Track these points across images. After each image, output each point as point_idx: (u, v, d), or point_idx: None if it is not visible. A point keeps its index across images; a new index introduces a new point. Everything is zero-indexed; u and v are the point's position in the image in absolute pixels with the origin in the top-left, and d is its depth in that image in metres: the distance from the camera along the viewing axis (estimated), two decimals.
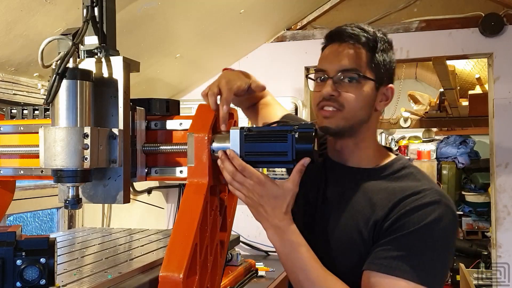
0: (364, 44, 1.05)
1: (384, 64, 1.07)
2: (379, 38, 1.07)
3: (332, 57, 1.07)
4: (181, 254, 0.79)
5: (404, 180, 1.04)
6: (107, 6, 0.90)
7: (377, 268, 0.93)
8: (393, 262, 0.92)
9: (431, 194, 0.97)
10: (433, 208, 0.95)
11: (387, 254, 0.94)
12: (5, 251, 0.71)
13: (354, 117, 1.05)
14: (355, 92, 1.04)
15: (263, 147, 0.91)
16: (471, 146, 5.03)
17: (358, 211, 1.03)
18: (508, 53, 2.29)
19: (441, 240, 0.95)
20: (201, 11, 1.89)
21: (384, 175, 1.06)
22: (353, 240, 1.01)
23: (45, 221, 1.92)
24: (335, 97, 1.04)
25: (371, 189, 1.05)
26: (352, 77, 1.04)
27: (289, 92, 2.52)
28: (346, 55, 1.05)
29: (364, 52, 1.05)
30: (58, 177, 0.80)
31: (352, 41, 1.05)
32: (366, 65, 1.05)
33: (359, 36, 1.05)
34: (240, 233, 2.15)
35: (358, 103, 1.04)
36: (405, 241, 0.94)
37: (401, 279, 0.91)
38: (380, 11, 2.49)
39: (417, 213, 0.95)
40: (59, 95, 0.79)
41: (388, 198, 1.00)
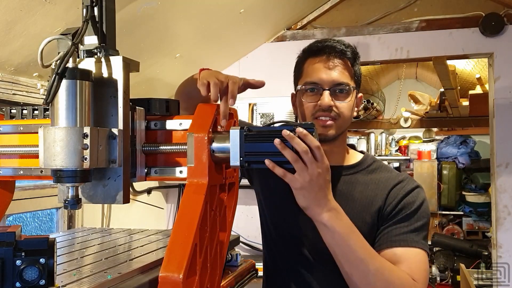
0: (349, 58, 1.19)
1: (359, 74, 1.24)
2: (357, 52, 1.21)
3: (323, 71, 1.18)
4: (181, 254, 0.78)
5: (377, 172, 1.23)
6: (106, 6, 0.89)
7: (399, 244, 1.11)
8: (408, 236, 1.12)
9: (410, 181, 1.21)
10: (418, 191, 1.18)
11: (399, 231, 1.13)
12: (5, 251, 0.71)
13: (346, 124, 1.21)
14: (348, 103, 1.18)
15: (263, 147, 0.90)
16: (471, 146, 5.03)
17: (357, 203, 1.18)
18: (508, 53, 2.29)
19: (428, 214, 1.18)
20: (201, 11, 1.89)
21: (362, 169, 1.24)
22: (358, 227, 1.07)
23: (45, 221, 1.92)
24: (332, 108, 1.16)
25: (359, 182, 1.21)
26: (344, 89, 1.17)
27: (289, 92, 2.51)
28: (338, 70, 1.18)
29: (349, 65, 1.19)
30: (58, 177, 0.80)
31: (339, 56, 1.18)
32: (351, 76, 1.20)
33: (346, 51, 1.18)
34: (240, 233, 2.15)
35: (349, 112, 1.19)
36: (409, 219, 1.14)
37: (418, 248, 1.11)
38: (380, 11, 2.49)
39: (408, 196, 1.16)
40: (59, 95, 0.79)
41: (379, 188, 1.19)
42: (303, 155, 0.90)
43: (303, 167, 0.91)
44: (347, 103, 1.17)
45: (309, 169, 0.92)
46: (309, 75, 1.20)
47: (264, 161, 0.92)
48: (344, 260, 1.03)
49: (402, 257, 1.10)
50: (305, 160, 0.91)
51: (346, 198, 1.18)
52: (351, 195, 1.19)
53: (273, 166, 0.91)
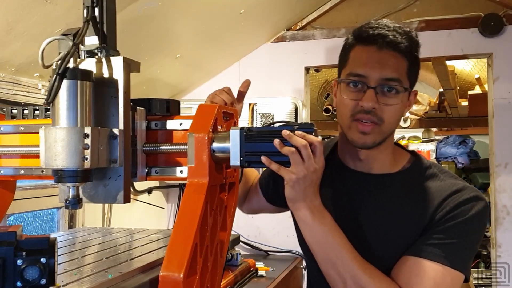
0: (403, 52, 1.00)
1: (415, 71, 1.04)
2: (415, 43, 1.02)
3: (373, 63, 1.00)
4: (181, 253, 0.79)
5: (432, 180, 1.06)
6: (107, 7, 0.90)
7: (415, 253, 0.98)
8: (432, 249, 0.97)
9: (469, 191, 1.03)
10: (474, 204, 1.01)
11: (427, 242, 0.98)
12: (6, 250, 0.71)
13: (391, 130, 1.04)
14: (396, 105, 1.00)
15: (263, 147, 0.91)
16: (470, 146, 5.02)
17: (401, 217, 1.04)
18: (507, 53, 2.29)
19: (477, 233, 1.02)
20: (201, 11, 1.89)
21: (412, 177, 1.07)
22: (402, 245, 1.01)
23: (46, 221, 1.92)
24: (375, 110, 0.99)
25: (404, 192, 1.05)
26: (393, 88, 0.99)
27: (289, 92, 2.52)
28: (389, 64, 0.99)
29: (404, 60, 1.01)
30: (59, 177, 0.80)
31: (392, 48, 0.99)
32: (406, 74, 1.01)
33: (400, 43, 1.00)
34: (240, 233, 2.15)
35: (396, 116, 1.02)
36: (447, 232, 0.99)
37: (436, 262, 0.96)
38: (380, 11, 2.49)
39: (460, 208, 1.00)
40: (60, 95, 0.80)
41: (427, 199, 1.03)
42: (301, 149, 0.89)
43: (300, 161, 0.90)
44: (395, 105, 1.00)
45: (305, 163, 0.90)
46: (354, 65, 1.02)
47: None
48: (322, 258, 0.98)
49: (408, 267, 0.97)
50: (303, 154, 0.90)
51: (389, 210, 1.05)
52: (395, 206, 1.05)
53: (270, 163, 0.90)
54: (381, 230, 1.05)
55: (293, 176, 0.92)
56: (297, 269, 2.33)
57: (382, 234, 1.05)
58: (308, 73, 2.61)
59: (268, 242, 2.51)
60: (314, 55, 2.53)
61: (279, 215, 2.55)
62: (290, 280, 2.13)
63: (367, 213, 1.07)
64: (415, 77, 1.06)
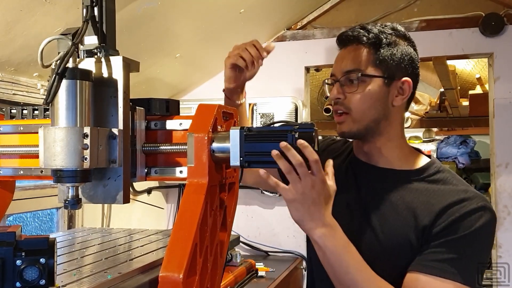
0: (365, 43, 1.06)
1: (392, 58, 1.05)
2: (382, 32, 1.06)
3: (337, 61, 1.10)
4: (181, 254, 0.78)
5: (441, 184, 1.04)
6: (107, 6, 0.89)
7: (426, 270, 0.96)
8: (442, 265, 0.95)
9: (477, 200, 1.00)
10: (480, 214, 0.98)
11: (436, 257, 0.96)
12: (5, 251, 0.71)
13: (364, 117, 1.05)
14: (360, 93, 1.04)
15: (263, 147, 0.90)
16: (471, 146, 5.03)
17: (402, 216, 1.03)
18: (508, 53, 2.29)
19: (486, 245, 1.00)
20: (201, 11, 1.89)
21: (420, 177, 1.06)
22: (400, 245, 1.01)
23: (45, 221, 1.91)
24: (342, 100, 1.06)
25: (410, 192, 1.05)
26: (354, 78, 1.05)
27: (289, 92, 2.52)
28: (348, 57, 1.07)
29: (366, 50, 1.06)
30: (58, 177, 0.80)
31: (354, 43, 1.08)
32: (370, 63, 1.05)
33: (359, 36, 1.07)
34: (240, 233, 2.15)
35: (364, 103, 1.05)
36: (454, 245, 0.96)
37: (449, 280, 0.94)
38: (380, 11, 2.49)
39: (466, 219, 0.97)
40: (59, 95, 0.79)
41: (431, 202, 1.01)
42: (297, 167, 0.88)
43: (296, 179, 0.89)
44: (359, 93, 1.04)
45: (302, 182, 0.89)
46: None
47: (264, 161, 0.92)
48: (337, 281, 0.97)
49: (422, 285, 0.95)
50: (299, 172, 0.89)
51: (391, 208, 1.05)
52: (397, 205, 1.04)
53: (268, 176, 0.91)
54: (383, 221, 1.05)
55: (290, 195, 0.91)
56: (297, 270, 2.33)
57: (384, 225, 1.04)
58: (308, 73, 2.61)
59: (268, 242, 2.51)
60: (314, 54, 2.53)
61: (279, 216, 2.56)
62: (290, 281, 2.13)
63: (373, 204, 1.08)
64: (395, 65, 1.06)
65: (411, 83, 1.07)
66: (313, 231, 0.94)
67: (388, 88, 1.06)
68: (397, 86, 1.06)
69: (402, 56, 1.07)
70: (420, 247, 1.00)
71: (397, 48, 1.06)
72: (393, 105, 1.07)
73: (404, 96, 1.08)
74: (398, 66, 1.06)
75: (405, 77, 1.07)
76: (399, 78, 1.06)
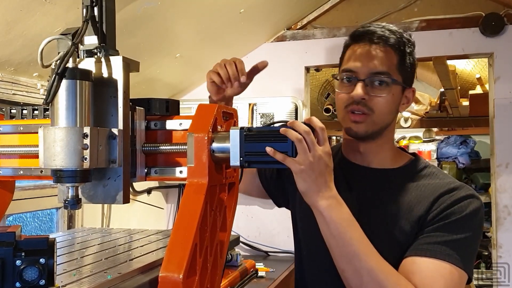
0: (393, 46, 1.06)
1: (410, 66, 1.08)
2: (407, 40, 1.07)
3: (362, 58, 1.06)
4: (181, 254, 0.78)
5: (429, 178, 1.09)
6: (106, 6, 0.89)
7: (421, 253, 0.99)
8: (437, 247, 0.98)
9: (465, 189, 1.06)
10: (470, 201, 1.03)
11: (430, 240, 1.00)
12: (5, 251, 0.71)
13: (383, 121, 1.07)
14: (386, 97, 1.05)
15: (263, 147, 0.90)
16: (471, 146, 5.02)
17: (396, 210, 1.06)
18: (508, 53, 2.29)
19: (477, 229, 1.03)
20: (201, 11, 1.89)
21: (410, 174, 1.10)
22: (397, 238, 1.03)
23: (45, 221, 1.91)
24: (365, 101, 1.05)
25: (401, 188, 1.08)
26: (383, 81, 1.04)
27: (289, 92, 2.52)
28: (377, 57, 1.05)
29: (393, 54, 1.06)
30: (58, 177, 0.80)
31: (382, 43, 1.05)
32: (396, 68, 1.06)
33: (389, 38, 1.05)
34: (240, 233, 2.15)
35: (387, 108, 1.06)
36: (447, 229, 1.00)
37: (444, 261, 0.97)
38: (380, 11, 2.49)
39: (457, 205, 1.02)
40: (59, 95, 0.79)
41: (423, 195, 1.05)
42: (305, 135, 0.88)
43: (305, 149, 0.88)
44: (385, 97, 1.05)
45: (311, 151, 0.89)
46: (347, 62, 1.10)
47: (264, 161, 0.92)
48: (338, 253, 0.96)
49: (418, 267, 0.97)
50: (307, 141, 0.89)
51: (385, 204, 1.08)
52: (391, 200, 1.07)
53: (274, 153, 0.89)
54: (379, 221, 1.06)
55: (298, 166, 0.90)
56: None
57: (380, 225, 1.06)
58: (308, 73, 2.61)
59: (268, 242, 2.51)
60: (315, 54, 2.53)
61: (279, 216, 2.56)
62: (290, 281, 2.12)
63: (366, 206, 1.09)
64: (409, 74, 1.09)
65: (415, 92, 1.12)
66: (319, 202, 0.94)
67: (402, 95, 1.09)
68: (405, 95, 1.10)
69: (413, 67, 1.10)
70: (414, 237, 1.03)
71: (412, 57, 1.09)
72: (397, 112, 1.12)
73: (408, 104, 1.11)
74: (412, 74, 1.10)
75: (412, 86, 1.11)
76: (410, 87, 1.10)
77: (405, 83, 1.07)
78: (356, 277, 0.95)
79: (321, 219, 0.96)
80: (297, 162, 0.90)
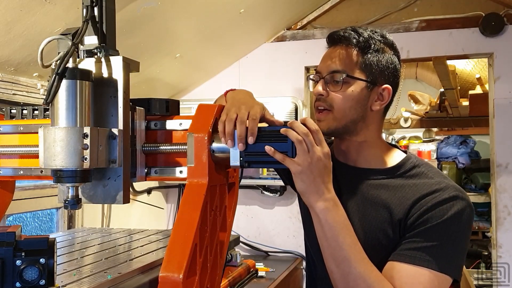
0: (354, 45, 1.08)
1: (377, 64, 1.09)
2: (372, 38, 1.09)
3: (325, 59, 1.12)
4: (181, 254, 0.78)
5: (417, 178, 1.07)
6: (106, 6, 0.89)
7: (401, 258, 0.99)
8: (416, 253, 0.98)
9: (449, 190, 1.02)
10: (452, 204, 1.00)
11: (410, 246, 0.99)
12: (5, 251, 0.71)
13: (345, 116, 1.08)
14: (343, 93, 1.07)
15: (263, 147, 0.90)
16: (471, 146, 5.02)
17: (379, 212, 1.06)
18: (508, 53, 2.28)
19: (460, 233, 1.01)
20: (201, 11, 1.89)
21: (397, 174, 1.09)
22: (379, 240, 1.03)
23: (45, 221, 1.91)
24: (325, 97, 1.08)
25: (386, 189, 1.07)
26: (339, 78, 1.07)
27: (289, 92, 2.52)
28: (336, 57, 1.09)
29: (354, 53, 1.08)
30: (58, 177, 0.80)
31: (343, 43, 1.09)
32: (356, 65, 1.08)
33: (349, 38, 1.09)
34: (240, 233, 2.15)
35: (346, 103, 1.07)
36: (427, 234, 0.99)
37: (423, 267, 0.97)
38: (380, 11, 2.49)
39: (438, 208, 1.00)
40: (59, 95, 0.79)
41: (406, 197, 1.04)
42: (304, 137, 0.90)
43: (305, 150, 0.90)
44: (342, 93, 1.07)
45: (310, 152, 0.91)
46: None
47: (264, 161, 0.92)
48: (329, 255, 0.98)
49: (398, 273, 0.97)
50: (306, 142, 0.91)
51: (369, 206, 1.07)
52: (375, 202, 1.07)
53: (274, 152, 0.90)
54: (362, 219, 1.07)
55: (298, 166, 0.91)
56: (297, 270, 2.33)
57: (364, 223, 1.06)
58: (308, 73, 2.61)
59: (268, 242, 2.51)
60: (314, 54, 2.51)
61: (279, 216, 2.56)
62: (290, 281, 2.13)
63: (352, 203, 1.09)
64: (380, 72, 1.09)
65: (391, 90, 1.10)
66: (316, 204, 0.95)
67: (369, 92, 1.09)
68: (377, 92, 1.09)
69: (387, 64, 1.10)
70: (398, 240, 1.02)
71: (383, 55, 1.10)
72: (371, 109, 1.10)
73: (383, 102, 1.11)
74: (382, 72, 1.09)
75: (386, 84, 1.10)
76: (381, 85, 1.09)
77: (371, 81, 1.08)
78: (343, 281, 0.97)
79: (317, 220, 0.97)
80: (296, 163, 0.91)
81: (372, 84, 1.08)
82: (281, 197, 2.53)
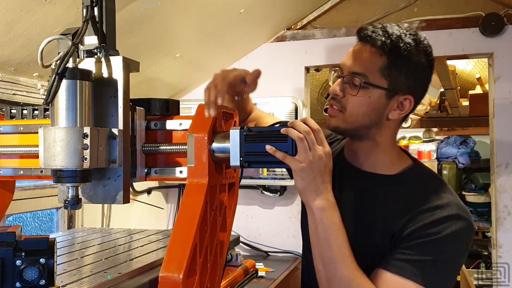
0: (379, 47, 1.01)
1: (403, 72, 1.01)
2: (402, 40, 1.01)
3: (349, 55, 1.06)
4: (181, 254, 0.78)
5: (420, 190, 1.03)
6: (106, 6, 0.89)
7: (388, 267, 0.96)
8: (405, 265, 0.95)
9: (450, 208, 0.98)
10: (451, 223, 0.97)
11: (400, 256, 0.97)
12: (5, 251, 0.71)
13: (356, 121, 1.03)
14: (359, 98, 1.01)
15: (263, 147, 0.90)
16: (471, 146, 5.02)
17: (373, 219, 1.03)
18: (508, 53, 2.28)
19: (454, 254, 0.98)
20: (201, 11, 1.89)
21: (400, 183, 1.05)
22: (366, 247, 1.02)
23: (45, 221, 1.91)
24: (340, 98, 1.04)
25: (387, 197, 1.04)
26: (358, 82, 1.01)
27: (289, 92, 2.52)
28: (360, 58, 1.02)
29: (378, 55, 1.01)
30: (58, 177, 0.80)
31: (369, 43, 1.02)
32: (378, 70, 1.01)
33: (376, 38, 1.01)
34: (240, 233, 2.15)
35: (360, 109, 1.02)
36: (421, 249, 0.96)
37: (409, 280, 0.94)
38: (380, 10, 2.48)
39: (435, 224, 0.97)
40: (59, 95, 0.79)
41: (405, 208, 1.00)
42: (305, 135, 0.90)
43: (306, 148, 0.90)
44: (358, 98, 1.01)
45: (311, 150, 0.90)
46: None
47: (264, 161, 0.92)
48: (318, 255, 0.97)
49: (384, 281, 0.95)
50: (307, 140, 0.90)
51: (365, 211, 1.06)
52: (371, 209, 1.05)
53: (274, 151, 0.90)
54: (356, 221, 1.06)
55: (299, 164, 0.90)
56: (297, 270, 2.33)
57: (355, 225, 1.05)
58: (308, 73, 2.61)
59: (268, 242, 2.51)
60: (314, 54, 2.52)
61: (279, 216, 2.56)
62: (290, 281, 2.12)
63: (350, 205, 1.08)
64: (405, 80, 1.01)
65: (412, 102, 1.04)
66: (313, 202, 0.95)
67: (388, 100, 1.02)
68: (398, 100, 1.03)
69: (414, 74, 1.02)
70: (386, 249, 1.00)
71: (411, 61, 1.02)
72: (388, 118, 1.04)
73: (402, 112, 1.04)
74: (406, 81, 1.02)
75: (409, 94, 1.03)
76: (403, 93, 1.02)
77: (393, 89, 1.01)
78: (326, 282, 0.97)
79: (312, 218, 0.97)
80: (298, 160, 0.91)
81: (392, 92, 1.01)
82: (281, 197, 2.53)
